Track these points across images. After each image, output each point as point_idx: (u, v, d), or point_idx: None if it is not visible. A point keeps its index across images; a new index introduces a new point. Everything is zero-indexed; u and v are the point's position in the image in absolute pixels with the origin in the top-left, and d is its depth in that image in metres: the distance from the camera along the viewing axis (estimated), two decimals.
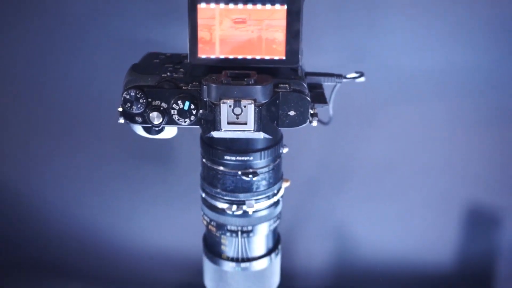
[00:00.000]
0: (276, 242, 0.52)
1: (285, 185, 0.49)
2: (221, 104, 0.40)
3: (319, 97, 0.45)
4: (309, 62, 0.49)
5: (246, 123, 0.40)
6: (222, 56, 0.42)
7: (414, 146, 0.78)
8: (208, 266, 0.52)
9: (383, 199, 0.81)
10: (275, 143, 0.46)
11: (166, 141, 0.78)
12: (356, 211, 0.82)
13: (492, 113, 0.76)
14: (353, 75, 0.49)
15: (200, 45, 0.41)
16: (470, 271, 0.86)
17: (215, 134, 0.41)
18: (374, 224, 0.83)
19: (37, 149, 0.81)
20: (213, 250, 0.50)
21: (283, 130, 0.48)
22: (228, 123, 0.40)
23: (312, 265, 0.87)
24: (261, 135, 0.41)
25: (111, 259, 0.90)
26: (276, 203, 0.49)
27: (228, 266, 0.50)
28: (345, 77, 0.48)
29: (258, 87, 0.39)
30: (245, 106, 0.40)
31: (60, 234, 0.88)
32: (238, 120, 0.40)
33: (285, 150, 0.48)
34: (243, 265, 0.49)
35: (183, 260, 0.89)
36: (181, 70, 0.43)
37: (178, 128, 0.45)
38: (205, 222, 0.50)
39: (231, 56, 0.42)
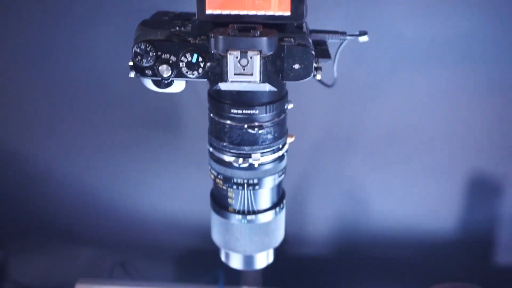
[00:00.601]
0: (281, 197, 0.54)
1: (289, 140, 0.51)
2: (228, 55, 0.41)
3: (323, 53, 0.47)
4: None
5: (252, 74, 0.42)
6: (228, 12, 0.43)
7: (418, 113, 0.79)
8: (215, 220, 0.53)
9: (386, 165, 0.82)
10: (280, 98, 0.47)
11: (173, 108, 0.80)
12: (359, 177, 0.84)
13: (496, 81, 0.76)
14: (357, 33, 0.50)
15: (207, 1, 0.43)
16: (472, 238, 0.87)
17: (222, 85, 0.43)
18: (378, 191, 0.85)
19: (44, 115, 0.82)
20: (220, 203, 0.52)
21: (289, 88, 0.49)
22: (235, 74, 0.42)
23: (316, 230, 0.89)
24: (267, 86, 0.43)
25: (119, 225, 0.92)
26: (281, 158, 0.50)
27: (235, 218, 0.51)
28: (348, 35, 0.50)
29: (264, 38, 0.41)
30: (251, 57, 0.41)
31: (67, 201, 0.90)
32: (244, 71, 0.42)
33: (290, 106, 0.49)
34: (249, 217, 0.51)
35: (191, 226, 0.91)
36: (189, 25, 0.45)
37: (186, 82, 0.47)
38: (212, 176, 0.51)
39: (237, 12, 0.43)
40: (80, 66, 0.77)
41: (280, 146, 0.50)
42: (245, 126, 0.47)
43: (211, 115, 0.49)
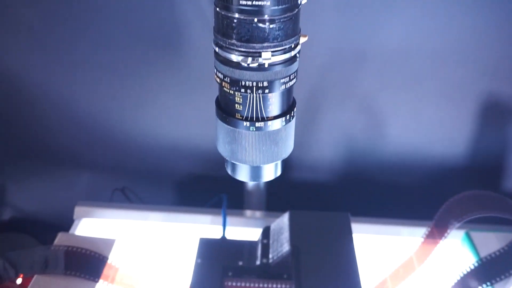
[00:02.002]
0: (291, 104, 0.50)
1: (302, 40, 0.47)
2: None
3: None
4: None
5: None
6: None
7: (431, 32, 0.75)
8: (221, 129, 0.50)
9: (397, 85, 0.79)
10: None
11: (174, 24, 0.75)
12: (369, 97, 0.81)
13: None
14: None
15: None
16: (483, 163, 0.85)
17: None
18: (387, 113, 0.82)
19: (41, 35, 0.78)
20: (226, 110, 0.49)
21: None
22: None
23: (323, 154, 0.87)
24: None
25: (119, 149, 0.90)
26: (293, 59, 0.46)
27: (242, 126, 0.48)
28: None
29: None
30: None
31: (65, 124, 0.88)
32: None
33: (304, 1, 0.45)
34: (257, 124, 0.48)
35: (193, 150, 0.88)
36: None
37: None
38: (218, 80, 0.48)
39: None
40: None
41: (293, 45, 0.46)
42: (255, 20, 0.42)
43: (217, 9, 0.44)
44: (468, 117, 0.81)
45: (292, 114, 0.50)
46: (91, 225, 0.78)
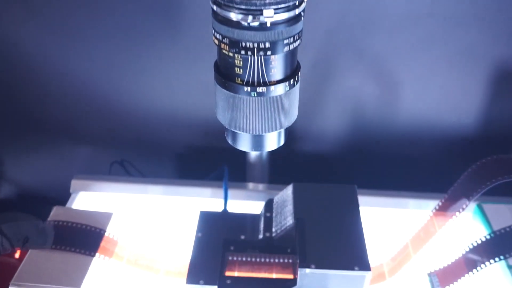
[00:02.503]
0: (295, 68, 0.47)
1: None
2: None
3: None
4: None
5: None
6: None
7: None
8: (220, 95, 0.47)
9: (406, 54, 0.76)
10: None
11: None
12: (378, 62, 0.77)
13: None
14: None
15: None
16: (496, 132, 0.82)
17: None
18: (397, 81, 0.78)
19: (38, 2, 0.75)
20: (226, 74, 0.45)
21: None
22: None
23: (328, 124, 0.84)
24: None
25: (116, 121, 0.88)
26: (297, 18, 0.43)
27: (243, 91, 0.45)
28: None
29: None
30: None
31: (62, 96, 0.85)
32: None
33: None
34: (259, 89, 0.44)
35: (192, 121, 0.85)
36: None
37: None
38: (216, 42, 0.44)
39: None
40: None
41: (297, 2, 0.42)
42: None
43: None
44: (481, 83, 0.78)
45: (296, 79, 0.47)
46: (88, 199, 0.76)
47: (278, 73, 0.45)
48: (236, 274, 0.59)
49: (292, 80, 0.46)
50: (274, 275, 0.59)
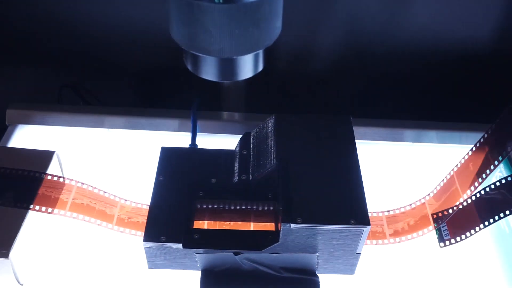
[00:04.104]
0: None
1: None
2: None
3: None
4: None
5: None
6: None
7: None
8: (176, 9, 0.38)
9: None
10: None
11: None
12: None
13: None
14: None
15: None
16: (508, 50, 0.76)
17: None
18: None
19: None
20: None
21: None
22: None
23: (322, 44, 0.76)
24: None
25: (69, 39, 0.79)
26: None
27: None
28: None
29: None
30: None
31: (6, 5, 0.75)
32: None
33: None
34: None
35: (156, 39, 0.77)
36: None
37: None
38: None
39: None
40: None
41: None
42: None
43: None
44: None
45: None
46: (28, 134, 0.71)
47: None
48: (205, 226, 0.54)
49: None
50: (252, 227, 0.54)
